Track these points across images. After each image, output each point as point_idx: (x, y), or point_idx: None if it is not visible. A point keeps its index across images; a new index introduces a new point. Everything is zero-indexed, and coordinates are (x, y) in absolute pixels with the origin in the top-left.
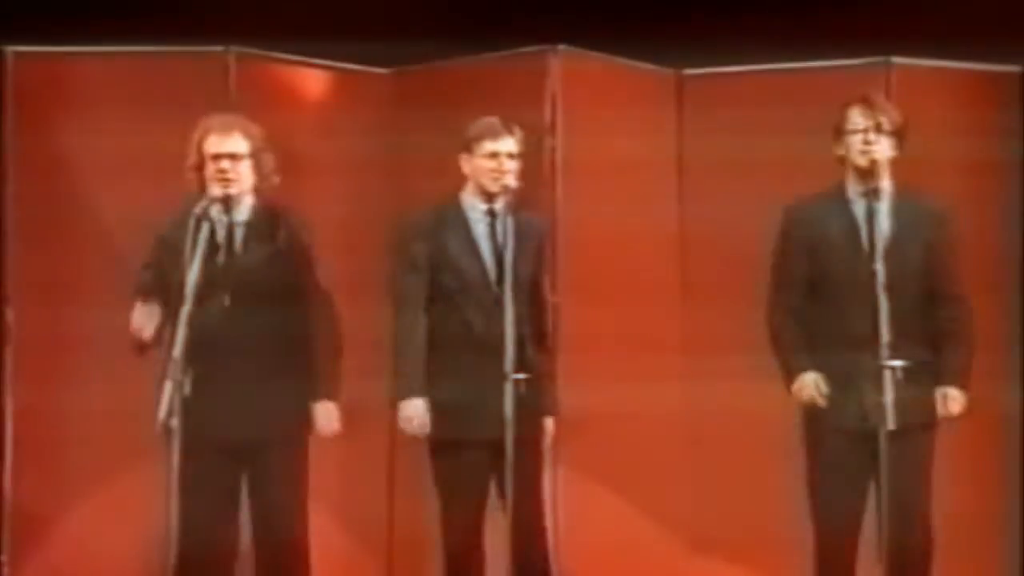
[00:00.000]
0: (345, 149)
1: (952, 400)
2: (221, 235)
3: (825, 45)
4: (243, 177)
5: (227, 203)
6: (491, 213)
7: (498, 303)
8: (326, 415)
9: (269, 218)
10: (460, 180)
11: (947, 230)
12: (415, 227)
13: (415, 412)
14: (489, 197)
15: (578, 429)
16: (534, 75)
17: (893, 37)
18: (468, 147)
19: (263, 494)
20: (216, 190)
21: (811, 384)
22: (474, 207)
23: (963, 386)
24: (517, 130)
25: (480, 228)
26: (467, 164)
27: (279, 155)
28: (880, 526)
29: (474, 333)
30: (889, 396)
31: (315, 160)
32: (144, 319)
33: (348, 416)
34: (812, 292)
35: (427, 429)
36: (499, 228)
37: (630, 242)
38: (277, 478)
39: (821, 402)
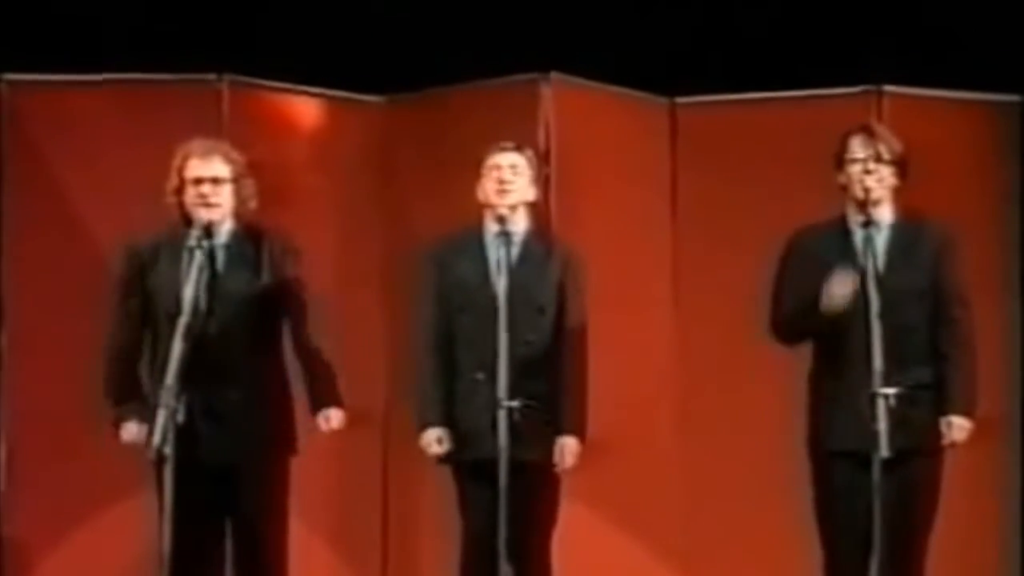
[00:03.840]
0: (338, 177)
1: (957, 428)
2: (202, 258)
3: (819, 73)
4: (224, 201)
5: (209, 228)
6: (504, 235)
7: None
8: (335, 419)
9: (250, 241)
10: (454, 207)
11: (951, 258)
12: (436, 255)
13: (432, 440)
14: (501, 219)
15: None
16: (527, 103)
17: (887, 65)
18: (478, 172)
19: (244, 517)
20: (199, 215)
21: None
22: (489, 229)
23: (967, 413)
24: (528, 152)
25: (492, 251)
26: (480, 189)
27: (272, 184)
28: (874, 554)
29: (477, 356)
30: (882, 424)
31: (308, 188)
32: (138, 436)
33: (340, 438)
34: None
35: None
36: (512, 251)
37: (624, 269)
38: (258, 501)
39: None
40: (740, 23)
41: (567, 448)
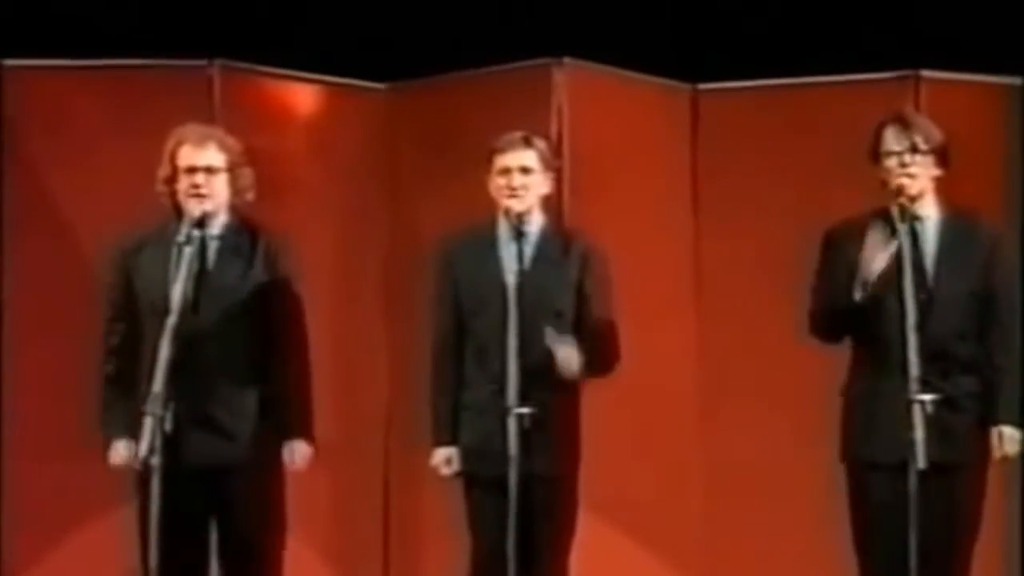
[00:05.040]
0: (337, 169)
1: (1009, 440)
2: (192, 253)
3: (850, 57)
4: (218, 192)
5: (202, 220)
6: (518, 234)
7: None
8: (299, 453)
9: (244, 235)
10: (461, 201)
11: (1000, 253)
12: (447, 255)
13: (441, 460)
14: (516, 217)
15: (586, 467)
16: (538, 89)
17: (923, 49)
18: (488, 165)
19: (234, 529)
20: (191, 207)
21: None
22: (502, 227)
23: (1020, 424)
24: (539, 143)
25: (506, 251)
26: (490, 184)
27: (266, 176)
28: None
29: (490, 365)
30: (919, 433)
31: (305, 180)
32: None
33: (339, 446)
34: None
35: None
36: (526, 251)
37: (641, 266)
38: (249, 512)
39: None
40: (767, 4)
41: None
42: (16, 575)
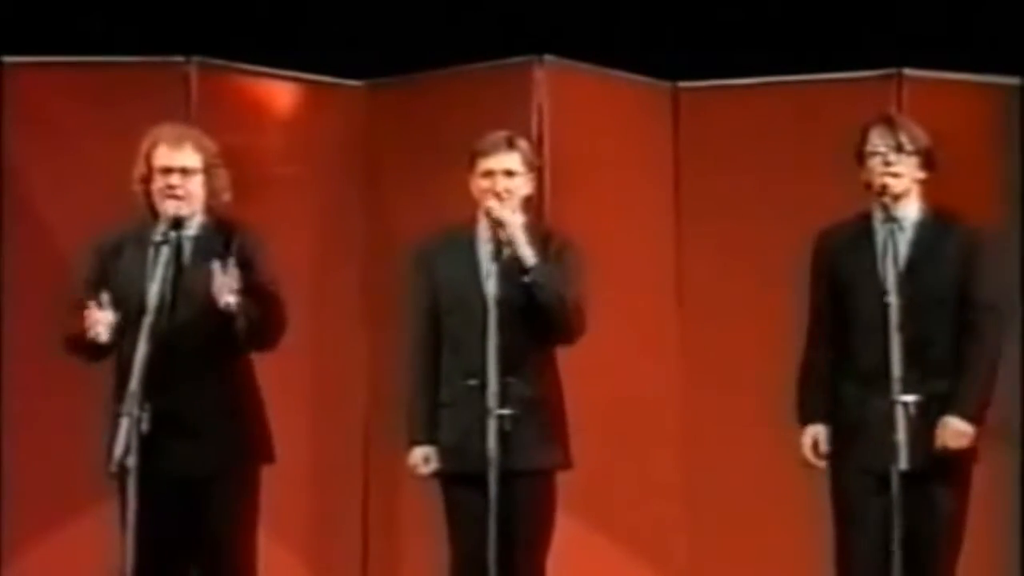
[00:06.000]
0: (315, 166)
1: (952, 433)
2: (169, 254)
3: (832, 56)
4: (193, 193)
5: (178, 221)
6: (497, 237)
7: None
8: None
9: (219, 237)
10: (441, 200)
11: (980, 261)
12: (424, 253)
13: (419, 459)
14: (496, 220)
15: (570, 472)
16: (518, 87)
17: (905, 47)
18: (470, 166)
19: (212, 533)
20: (166, 207)
21: (808, 441)
22: (483, 229)
23: (972, 418)
24: (522, 144)
25: (484, 249)
26: (472, 185)
27: (244, 175)
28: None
29: (466, 362)
30: (901, 434)
31: (283, 178)
32: (99, 319)
33: (318, 449)
34: (839, 323)
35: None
36: (504, 250)
37: (623, 265)
38: (227, 515)
39: (816, 464)
40: (748, 2)
41: None
42: (6, 567)
